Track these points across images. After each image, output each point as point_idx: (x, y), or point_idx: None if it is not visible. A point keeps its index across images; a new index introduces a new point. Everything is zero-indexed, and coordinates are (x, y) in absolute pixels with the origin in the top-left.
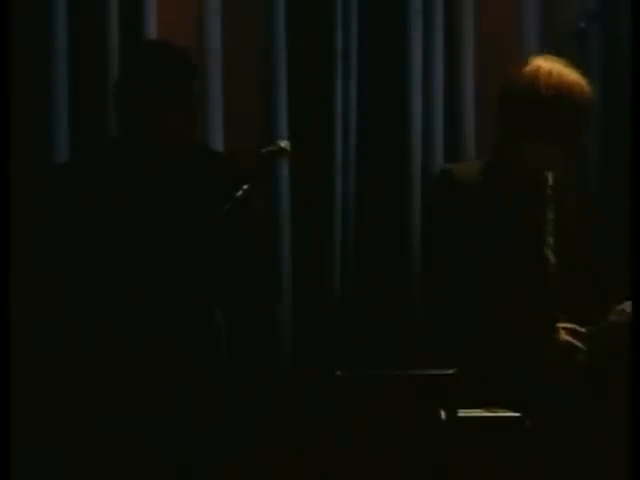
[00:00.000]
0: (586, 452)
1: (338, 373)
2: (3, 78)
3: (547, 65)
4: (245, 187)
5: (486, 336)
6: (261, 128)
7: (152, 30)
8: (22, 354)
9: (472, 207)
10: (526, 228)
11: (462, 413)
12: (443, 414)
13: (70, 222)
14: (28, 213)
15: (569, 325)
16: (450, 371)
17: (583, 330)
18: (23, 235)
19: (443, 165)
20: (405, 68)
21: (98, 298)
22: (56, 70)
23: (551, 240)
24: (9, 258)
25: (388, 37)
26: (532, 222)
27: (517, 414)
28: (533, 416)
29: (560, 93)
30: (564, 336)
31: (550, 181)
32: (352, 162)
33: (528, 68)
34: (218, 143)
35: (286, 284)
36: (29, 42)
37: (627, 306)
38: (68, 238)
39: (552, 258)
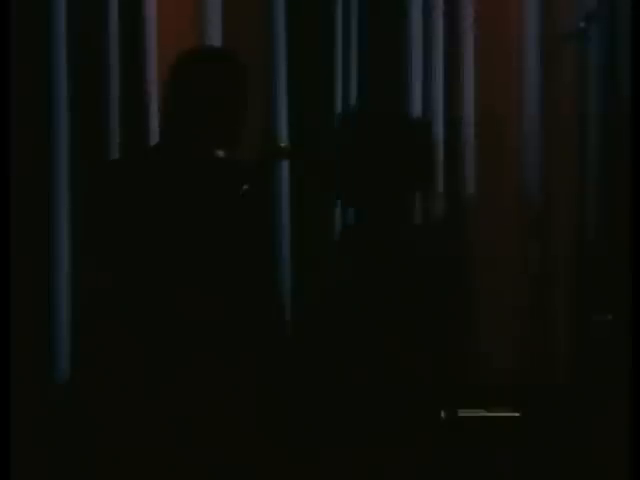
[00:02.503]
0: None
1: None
2: (4, 78)
3: None
4: (245, 187)
5: None
6: (261, 128)
7: (152, 30)
8: None
9: None
10: None
11: (462, 413)
12: (443, 414)
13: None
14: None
15: None
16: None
17: None
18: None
19: None
20: (405, 70)
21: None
22: (56, 69)
23: None
24: (9, 258)
25: (387, 38)
26: None
27: (517, 414)
28: None
29: None
30: None
31: None
32: None
33: None
34: None
35: (286, 284)
36: (29, 42)
37: None
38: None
39: None
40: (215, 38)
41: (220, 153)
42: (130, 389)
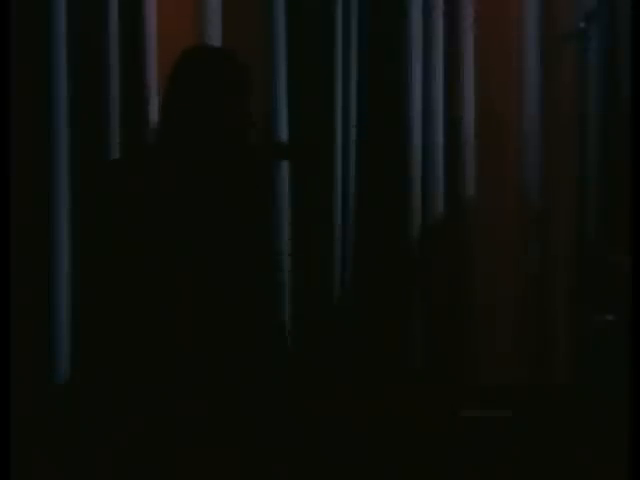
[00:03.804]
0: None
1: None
2: (4, 78)
3: None
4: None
5: None
6: (261, 127)
7: (152, 30)
8: None
9: None
10: None
11: (462, 413)
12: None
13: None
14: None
15: None
16: None
17: None
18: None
19: None
20: (405, 70)
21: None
22: (56, 69)
23: None
24: (9, 258)
25: (387, 38)
26: None
27: (516, 414)
28: None
29: None
30: None
31: None
32: (352, 162)
33: None
34: None
35: (286, 284)
36: (29, 42)
37: None
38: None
39: None
40: (215, 38)
41: (221, 152)
42: (131, 389)
